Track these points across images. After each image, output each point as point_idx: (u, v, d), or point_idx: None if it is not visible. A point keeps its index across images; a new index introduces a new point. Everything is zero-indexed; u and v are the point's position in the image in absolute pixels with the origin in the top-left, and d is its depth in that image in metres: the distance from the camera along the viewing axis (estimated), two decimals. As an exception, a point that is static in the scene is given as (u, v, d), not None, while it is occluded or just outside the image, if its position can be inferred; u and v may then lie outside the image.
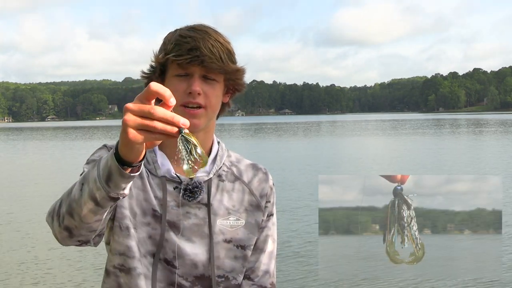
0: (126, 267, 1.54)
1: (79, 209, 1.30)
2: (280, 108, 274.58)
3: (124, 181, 1.21)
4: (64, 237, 1.39)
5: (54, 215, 1.38)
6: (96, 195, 1.25)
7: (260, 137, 47.77)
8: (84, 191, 1.28)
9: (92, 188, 1.25)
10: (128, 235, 1.54)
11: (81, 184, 1.31)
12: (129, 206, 1.55)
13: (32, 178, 19.51)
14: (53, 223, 1.39)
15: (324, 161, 23.72)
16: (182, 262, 1.56)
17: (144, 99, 1.09)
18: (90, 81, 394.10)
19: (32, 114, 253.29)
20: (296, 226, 10.49)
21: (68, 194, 1.36)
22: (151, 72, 1.58)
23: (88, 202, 1.28)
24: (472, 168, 19.62)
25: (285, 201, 12.79)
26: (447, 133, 47.15)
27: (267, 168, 1.75)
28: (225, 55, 1.51)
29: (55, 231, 1.40)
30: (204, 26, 1.55)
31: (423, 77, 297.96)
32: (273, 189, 1.71)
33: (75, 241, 1.41)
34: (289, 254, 8.47)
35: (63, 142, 45.82)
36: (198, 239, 1.57)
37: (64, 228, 1.36)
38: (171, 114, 1.08)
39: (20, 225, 11.32)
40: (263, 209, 1.66)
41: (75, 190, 1.32)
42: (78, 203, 1.30)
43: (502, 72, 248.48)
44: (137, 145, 1.12)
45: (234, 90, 1.64)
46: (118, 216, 1.54)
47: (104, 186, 1.22)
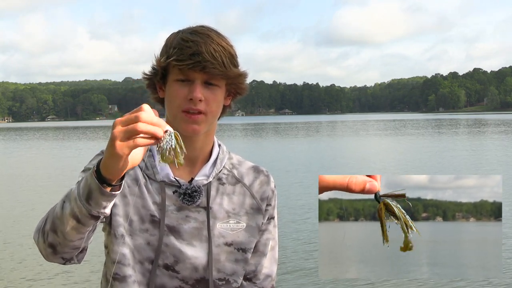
0: (120, 275, 1.54)
1: (62, 226, 1.33)
2: (280, 108, 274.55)
3: (105, 199, 1.25)
4: (48, 254, 1.41)
5: (40, 232, 1.42)
6: (77, 213, 1.28)
7: (260, 137, 47.78)
8: (65, 209, 1.31)
9: (73, 206, 1.28)
10: (123, 243, 1.54)
11: (63, 202, 1.34)
12: (124, 214, 1.55)
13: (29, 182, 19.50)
14: (38, 239, 1.42)
15: (324, 161, 23.73)
16: (183, 266, 1.55)
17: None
18: (90, 81, 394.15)
19: (32, 114, 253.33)
20: (296, 226, 10.48)
21: (53, 211, 1.38)
22: (153, 74, 1.56)
23: (70, 220, 1.30)
24: (472, 168, 19.62)
25: (285, 201, 12.78)
26: (447, 133, 47.14)
27: (268, 169, 1.74)
28: (227, 60, 1.48)
29: (40, 247, 1.42)
30: (207, 29, 1.52)
31: (423, 77, 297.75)
32: (274, 192, 1.69)
33: (59, 258, 1.43)
34: (289, 254, 8.47)
35: (62, 143, 45.78)
36: (198, 243, 1.56)
37: (48, 245, 1.39)
38: (157, 118, 1.13)
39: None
40: (264, 212, 1.65)
41: (58, 207, 1.35)
42: (61, 221, 1.33)
43: (502, 72, 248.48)
44: (123, 158, 1.16)
45: (236, 94, 1.62)
46: (113, 224, 1.54)
47: (84, 204, 1.26)
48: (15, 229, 10.97)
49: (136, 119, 1.15)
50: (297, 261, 8.21)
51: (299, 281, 7.36)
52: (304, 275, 7.56)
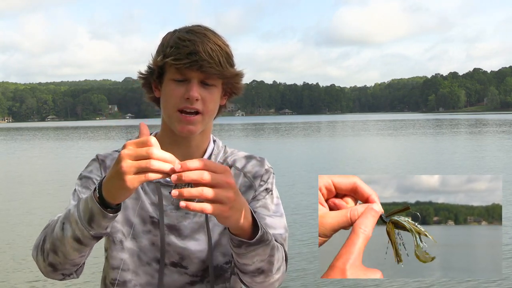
0: (120, 280, 1.55)
1: (63, 247, 1.33)
2: (280, 108, 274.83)
3: (107, 221, 1.25)
4: (48, 272, 1.43)
5: (39, 250, 1.42)
6: (79, 236, 1.29)
7: (260, 137, 47.78)
8: (66, 231, 1.31)
9: (75, 229, 1.29)
10: (122, 248, 1.55)
11: (62, 224, 1.34)
12: (124, 218, 1.55)
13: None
14: (37, 257, 1.44)
15: (324, 161, 23.72)
16: (190, 261, 1.55)
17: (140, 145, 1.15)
18: (90, 81, 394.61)
19: (32, 114, 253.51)
20: (296, 226, 10.46)
21: (52, 231, 1.38)
22: (149, 73, 1.56)
23: (71, 242, 1.31)
24: (472, 168, 19.61)
25: (285, 201, 12.77)
26: (447, 133, 47.15)
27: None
28: (223, 59, 1.47)
29: (40, 266, 1.44)
30: (203, 28, 1.51)
31: (423, 77, 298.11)
32: (269, 171, 1.65)
33: (59, 275, 1.44)
34: (290, 254, 8.44)
35: (62, 143, 45.80)
36: (201, 236, 1.56)
37: (48, 264, 1.41)
38: (169, 154, 1.13)
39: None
40: (256, 187, 1.61)
41: (57, 228, 1.35)
42: (61, 242, 1.33)
43: (502, 72, 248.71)
44: (132, 190, 1.16)
45: (232, 93, 1.62)
46: (111, 231, 1.54)
47: (86, 227, 1.26)
48: (14, 230, 10.95)
49: (148, 155, 1.13)
50: (299, 262, 8.19)
51: (300, 281, 7.34)
52: (305, 276, 7.54)
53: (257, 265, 1.36)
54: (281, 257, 1.43)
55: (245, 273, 1.40)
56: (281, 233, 1.53)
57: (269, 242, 1.33)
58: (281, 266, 1.44)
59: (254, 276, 1.40)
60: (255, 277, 1.40)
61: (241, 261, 1.36)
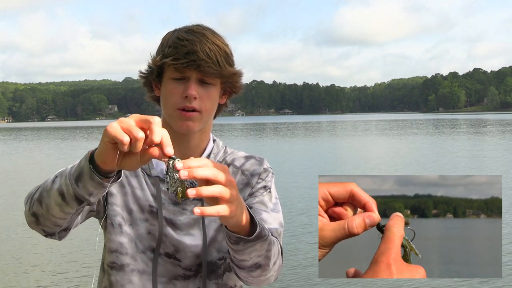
0: (118, 264, 1.57)
1: (48, 199, 1.34)
2: (280, 108, 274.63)
3: (93, 184, 1.23)
4: (30, 222, 1.45)
5: (29, 198, 1.45)
6: (64, 190, 1.29)
7: (260, 137, 47.78)
8: (55, 183, 1.33)
9: (62, 183, 1.29)
10: (121, 232, 1.57)
11: (55, 177, 1.36)
12: (123, 204, 1.57)
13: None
14: (25, 205, 1.46)
15: (324, 161, 23.72)
16: (184, 254, 1.57)
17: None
18: (90, 81, 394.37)
19: (32, 114, 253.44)
20: (296, 226, 10.47)
21: (45, 182, 1.41)
22: (149, 72, 1.58)
23: (56, 195, 1.31)
24: (472, 168, 19.61)
25: (285, 201, 12.77)
26: (447, 133, 47.15)
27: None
28: (222, 58, 1.49)
29: (25, 213, 1.46)
30: (202, 28, 1.53)
31: (423, 77, 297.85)
32: (268, 171, 1.66)
33: (41, 230, 1.45)
34: (288, 254, 8.45)
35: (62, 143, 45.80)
36: (196, 231, 1.58)
37: (31, 214, 1.42)
38: (165, 132, 1.11)
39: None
40: (253, 185, 1.62)
41: (50, 180, 1.38)
42: (48, 193, 1.35)
43: (502, 72, 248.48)
44: (111, 148, 1.13)
45: (231, 92, 1.63)
46: (110, 214, 1.56)
47: (72, 183, 1.26)
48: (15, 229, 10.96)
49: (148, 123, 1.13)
50: (299, 261, 8.19)
51: (300, 282, 7.34)
52: (304, 276, 7.54)
53: (254, 261, 1.37)
54: (277, 251, 1.44)
55: (242, 268, 1.41)
56: (276, 227, 1.54)
57: (267, 238, 1.34)
58: (277, 260, 1.45)
59: (251, 271, 1.40)
60: (252, 272, 1.41)
61: (239, 257, 1.36)
